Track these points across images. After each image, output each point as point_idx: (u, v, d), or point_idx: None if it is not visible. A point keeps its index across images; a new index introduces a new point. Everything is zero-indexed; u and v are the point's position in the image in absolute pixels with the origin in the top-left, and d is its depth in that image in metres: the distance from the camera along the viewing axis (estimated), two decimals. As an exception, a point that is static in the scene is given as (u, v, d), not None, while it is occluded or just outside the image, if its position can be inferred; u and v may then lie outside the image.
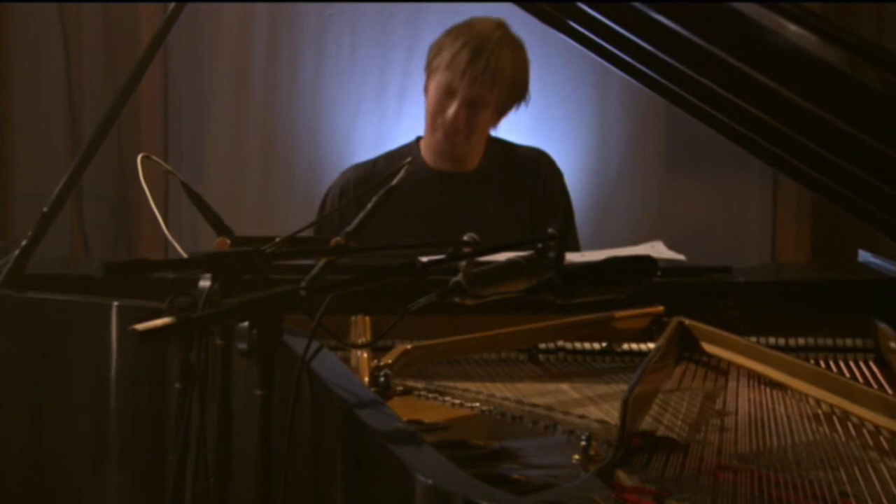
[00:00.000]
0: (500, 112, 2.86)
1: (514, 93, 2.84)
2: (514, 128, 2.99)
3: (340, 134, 3.93)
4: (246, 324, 1.36)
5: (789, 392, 1.89)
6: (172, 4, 2.22)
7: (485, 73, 2.76)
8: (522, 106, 2.89)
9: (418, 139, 2.94)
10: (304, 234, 1.90)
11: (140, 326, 1.26)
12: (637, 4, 1.65)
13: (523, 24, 2.78)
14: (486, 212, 2.84)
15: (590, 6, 1.77)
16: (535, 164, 2.94)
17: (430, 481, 1.32)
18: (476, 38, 2.79)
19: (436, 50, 2.85)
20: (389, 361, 1.95)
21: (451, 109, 2.79)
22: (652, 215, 3.99)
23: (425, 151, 2.89)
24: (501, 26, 2.84)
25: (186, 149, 3.94)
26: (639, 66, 1.88)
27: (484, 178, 2.89)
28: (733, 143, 1.95)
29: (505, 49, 2.80)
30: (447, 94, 2.80)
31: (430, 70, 2.86)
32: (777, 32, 1.58)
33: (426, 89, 2.88)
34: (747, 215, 4.07)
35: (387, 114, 3.91)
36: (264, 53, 3.93)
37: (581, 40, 1.93)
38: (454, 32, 2.84)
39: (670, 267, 2.34)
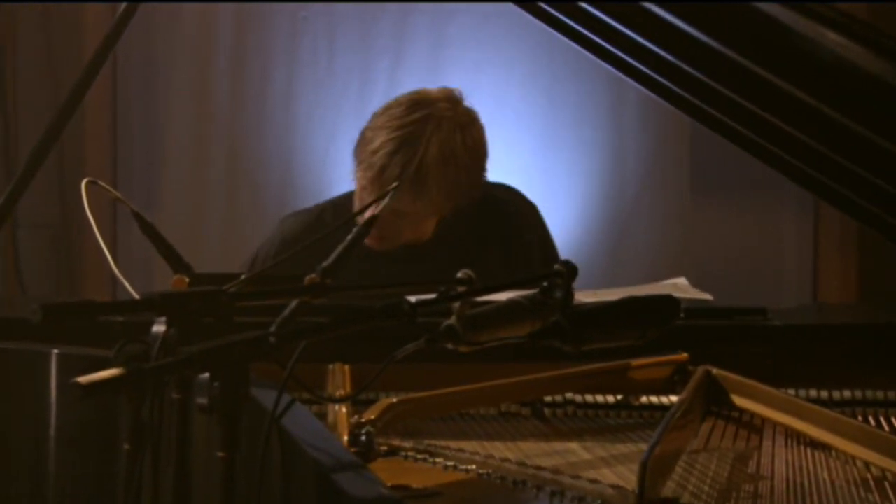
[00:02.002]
0: (443, 207, 2.69)
1: (457, 187, 2.65)
2: (515, 150, 3.00)
3: (317, 154, 3.95)
4: (207, 375, 1.36)
5: (833, 453, 1.89)
6: (123, 5, 2.23)
7: (401, 182, 2.55)
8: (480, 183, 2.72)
9: None
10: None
11: (84, 379, 1.26)
12: (656, 9, 1.66)
13: (526, 30, 2.80)
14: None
15: (602, 10, 1.78)
16: (499, 206, 2.82)
17: (418, 557, 1.32)
18: (401, 137, 2.59)
19: (365, 132, 2.68)
20: (372, 417, 1.94)
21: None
22: (674, 248, 4.00)
23: None
24: (445, 109, 2.64)
25: (138, 172, 3.95)
26: (659, 78, 1.89)
27: (436, 245, 2.76)
28: (767, 165, 1.95)
29: (433, 147, 2.59)
30: (367, 195, 2.64)
31: (354, 154, 2.71)
32: (816, 41, 1.60)
33: (354, 173, 2.72)
34: (784, 247, 4.09)
35: (370, 131, 3.92)
36: (229, 61, 3.95)
37: (593, 48, 1.94)
38: (385, 116, 2.64)
39: (695, 308, 2.34)
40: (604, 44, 1.89)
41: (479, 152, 2.70)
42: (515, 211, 2.86)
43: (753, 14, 1.61)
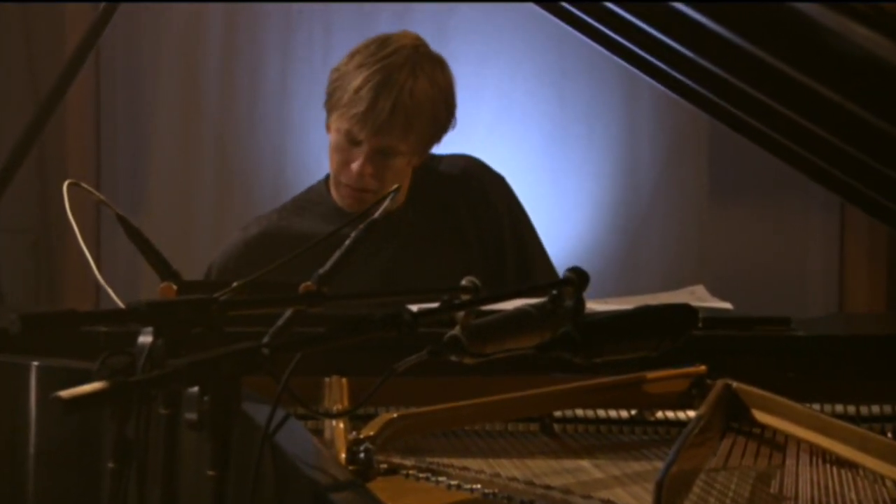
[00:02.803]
0: (423, 150, 2.79)
1: (436, 129, 2.77)
2: (522, 149, 3.01)
3: (312, 154, 3.95)
4: (196, 389, 1.36)
5: (861, 472, 1.89)
6: (103, 3, 2.24)
7: (393, 116, 2.67)
8: (450, 130, 2.81)
9: (328, 177, 2.87)
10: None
11: (65, 393, 1.26)
12: (671, 1, 1.66)
13: (534, 22, 2.80)
14: (421, 258, 2.81)
15: (615, 2, 1.78)
16: (464, 179, 2.89)
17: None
18: (382, 70, 2.69)
19: (335, 79, 2.75)
20: (371, 433, 1.94)
21: (356, 164, 2.72)
22: (691, 254, 4.00)
23: (332, 191, 2.83)
24: (417, 47, 2.75)
25: (123, 174, 3.96)
26: (675, 73, 1.89)
27: (410, 216, 2.83)
28: (790, 166, 1.95)
29: (420, 79, 2.71)
30: (349, 141, 2.72)
31: (329, 105, 2.77)
32: (843, 35, 1.60)
33: (327, 127, 2.79)
34: (808, 253, 4.09)
35: (368, 129, 3.93)
36: (219, 57, 3.95)
37: (605, 42, 1.94)
38: (358, 57, 2.73)
39: (714, 318, 2.34)
40: (617, 37, 1.90)
41: (454, 90, 2.80)
42: (478, 180, 2.90)
43: (775, 6, 1.61)
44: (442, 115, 2.76)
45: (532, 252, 2.90)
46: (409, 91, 2.68)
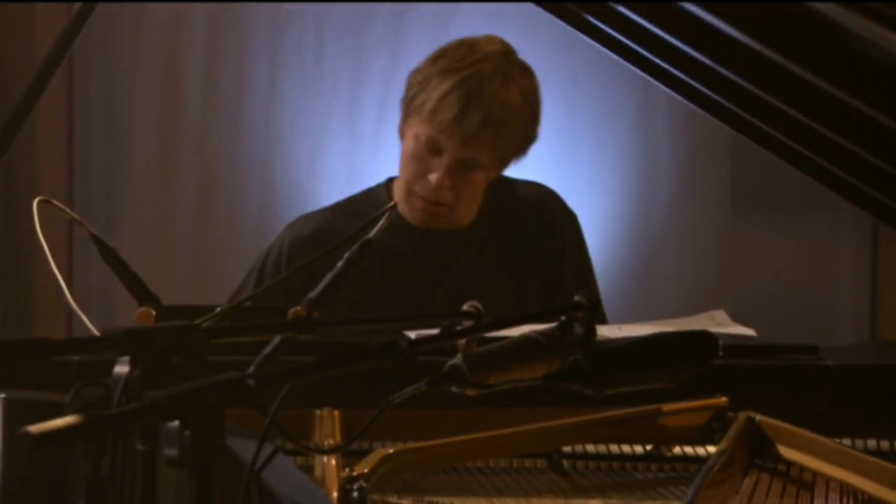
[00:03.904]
0: (504, 164, 2.83)
1: (523, 142, 2.81)
2: (529, 161, 3.01)
3: (302, 167, 3.96)
4: (176, 423, 1.36)
5: (895, 512, 1.89)
6: (78, 3, 2.24)
7: (483, 128, 2.70)
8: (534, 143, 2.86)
9: (390, 181, 2.89)
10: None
11: (35, 428, 1.26)
12: (688, 5, 1.66)
13: (542, 26, 2.81)
14: (479, 280, 2.83)
15: (629, 7, 1.79)
16: (538, 210, 2.92)
17: None
18: (473, 77, 2.71)
19: (418, 82, 2.77)
20: (366, 470, 1.94)
21: (434, 175, 2.74)
22: (711, 275, 4.00)
23: (400, 203, 2.83)
24: (507, 54, 2.77)
25: (98, 190, 3.96)
26: (692, 81, 1.89)
27: (480, 236, 2.87)
28: (818, 182, 1.96)
29: (511, 89, 2.73)
30: (430, 150, 2.74)
31: (408, 109, 2.79)
32: (875, 43, 1.60)
33: (401, 132, 2.82)
34: (838, 275, 4.09)
35: (362, 140, 3.94)
36: (202, 62, 3.96)
37: (617, 48, 1.95)
38: (444, 60, 2.76)
39: (736, 345, 2.34)
40: (630, 43, 1.90)
41: (540, 100, 2.83)
42: (551, 213, 2.93)
43: (802, 11, 1.61)
44: (530, 127, 2.80)
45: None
46: (502, 101, 2.71)
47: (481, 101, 2.69)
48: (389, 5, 3.95)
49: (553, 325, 1.64)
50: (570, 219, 2.95)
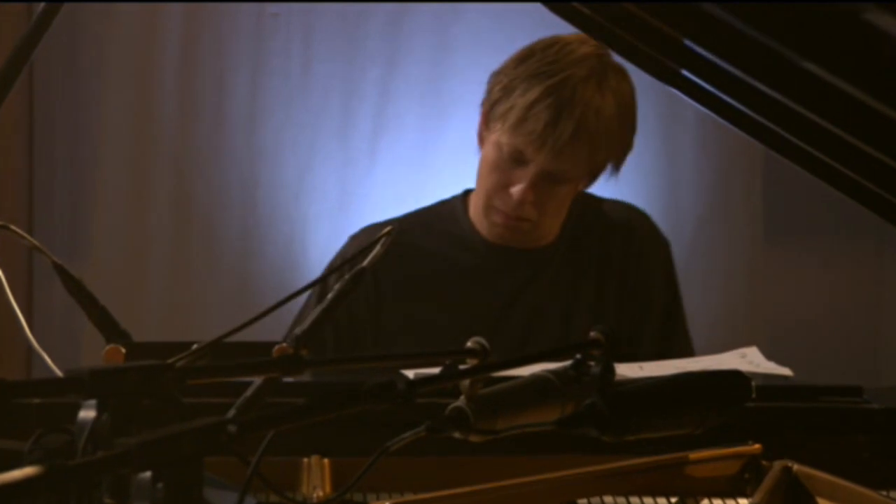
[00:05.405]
0: (591, 179, 2.85)
1: (617, 154, 2.82)
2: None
3: (289, 186, 3.97)
4: (148, 474, 1.36)
5: (948, 572, 1.89)
6: (42, 4, 2.25)
7: (575, 138, 2.70)
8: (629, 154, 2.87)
9: (467, 193, 2.92)
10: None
11: (-8, 478, 1.26)
12: (716, 11, 1.67)
13: (551, 30, 2.81)
14: (556, 303, 2.85)
15: (650, 12, 1.79)
16: (626, 231, 2.94)
17: None
18: (565, 83, 2.71)
19: (502, 85, 2.77)
20: (358, 526, 1.95)
21: (518, 188, 2.74)
22: (742, 308, 4.01)
23: (476, 217, 2.87)
24: (601, 56, 2.76)
25: (62, 213, 3.96)
26: (722, 94, 1.90)
27: (562, 255, 2.89)
28: (859, 204, 1.96)
29: (607, 95, 2.73)
30: (513, 160, 2.75)
31: (489, 115, 2.80)
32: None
33: (480, 138, 2.83)
34: (882, 308, 4.09)
35: (356, 157, 3.95)
36: (178, 72, 3.97)
37: (637, 57, 1.95)
38: (531, 63, 2.76)
39: (770, 386, 2.34)
40: (651, 51, 1.91)
41: (636, 106, 2.83)
42: (640, 238, 2.95)
43: (846, 18, 1.61)
44: (626, 136, 2.81)
45: (675, 336, 2.92)
46: (596, 109, 2.71)
47: (574, 109, 2.69)
48: (385, 7, 3.96)
49: (567, 363, 1.64)
50: (661, 245, 2.98)
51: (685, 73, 1.89)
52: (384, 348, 2.71)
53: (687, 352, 2.93)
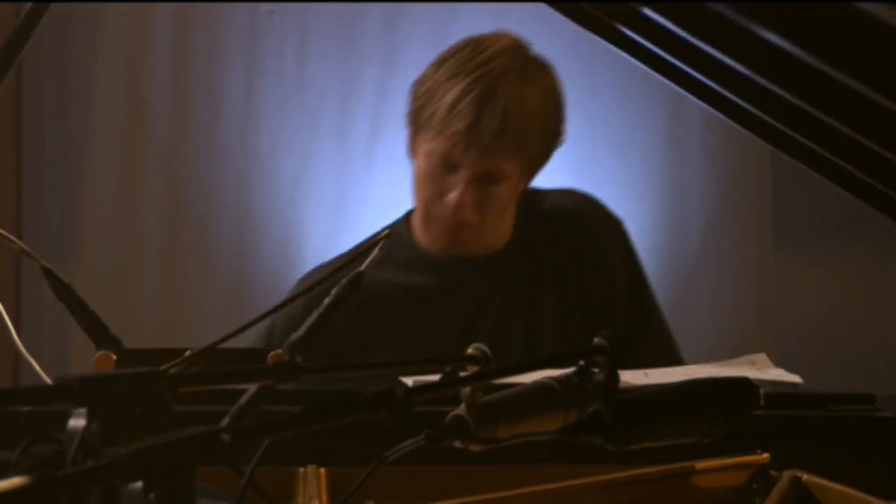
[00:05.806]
0: (531, 172, 2.84)
1: (548, 144, 2.82)
2: (545, 180, 3.01)
3: (284, 188, 3.97)
4: (140, 484, 1.36)
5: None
6: (29, 4, 2.25)
7: (501, 134, 2.70)
8: (561, 145, 2.87)
9: (409, 215, 2.90)
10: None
11: (-22, 489, 1.26)
12: (725, 9, 1.67)
13: (556, 30, 2.81)
14: (520, 312, 2.83)
15: (658, 10, 1.79)
16: (573, 220, 2.92)
17: None
18: (484, 78, 2.71)
19: (423, 92, 2.79)
20: (356, 538, 1.94)
21: (453, 194, 2.74)
22: (750, 313, 4.01)
23: (421, 235, 2.86)
24: (518, 49, 2.79)
25: (51, 216, 3.96)
26: (730, 94, 1.90)
27: (516, 261, 2.87)
28: (873, 208, 1.96)
29: (529, 87, 2.74)
30: (445, 167, 2.75)
31: (415, 124, 2.81)
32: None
33: (411, 151, 2.84)
34: None
35: (353, 159, 3.95)
36: (169, 72, 3.97)
37: (643, 56, 1.95)
38: (449, 64, 2.76)
39: (779, 394, 2.34)
40: (658, 51, 1.91)
41: (564, 97, 2.84)
42: (590, 222, 2.93)
43: (861, 16, 1.61)
44: (554, 127, 2.81)
45: (647, 316, 2.90)
46: (518, 102, 2.71)
47: (496, 103, 2.70)
48: (383, 5, 3.96)
49: (570, 370, 1.64)
50: (612, 225, 2.95)
51: (691, 71, 1.90)
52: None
53: (660, 326, 2.92)
